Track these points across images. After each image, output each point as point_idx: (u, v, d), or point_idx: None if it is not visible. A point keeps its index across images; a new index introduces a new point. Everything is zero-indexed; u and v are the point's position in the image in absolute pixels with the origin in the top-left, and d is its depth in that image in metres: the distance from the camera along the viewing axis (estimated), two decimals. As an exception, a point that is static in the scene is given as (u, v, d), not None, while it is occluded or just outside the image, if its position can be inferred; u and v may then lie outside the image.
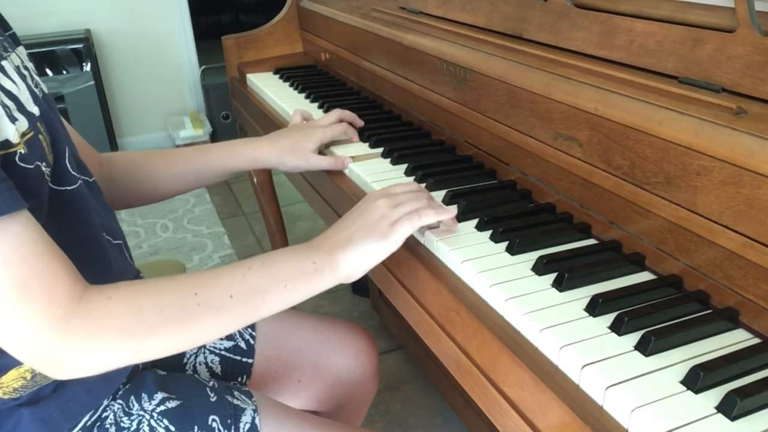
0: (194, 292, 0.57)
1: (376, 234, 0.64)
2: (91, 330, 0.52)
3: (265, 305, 0.60)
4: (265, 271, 0.60)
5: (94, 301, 0.53)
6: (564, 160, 0.72)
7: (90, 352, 0.53)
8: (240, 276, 0.59)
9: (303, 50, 1.57)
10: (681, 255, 0.60)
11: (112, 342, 0.53)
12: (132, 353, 0.55)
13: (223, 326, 0.59)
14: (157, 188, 0.88)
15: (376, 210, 0.66)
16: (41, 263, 0.51)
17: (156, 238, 2.38)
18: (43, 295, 0.50)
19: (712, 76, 0.63)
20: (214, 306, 0.57)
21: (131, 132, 3.24)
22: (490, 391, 0.58)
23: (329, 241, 0.65)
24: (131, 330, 0.54)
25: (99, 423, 0.67)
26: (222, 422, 0.70)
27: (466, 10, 1.02)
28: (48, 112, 0.61)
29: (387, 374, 1.63)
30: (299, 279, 0.61)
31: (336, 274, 0.63)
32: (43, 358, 0.52)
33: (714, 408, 0.46)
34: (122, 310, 0.54)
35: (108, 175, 0.84)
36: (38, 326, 0.50)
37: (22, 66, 0.63)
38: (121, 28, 3.06)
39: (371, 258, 0.64)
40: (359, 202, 0.69)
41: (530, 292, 0.60)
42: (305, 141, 0.90)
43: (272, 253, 0.63)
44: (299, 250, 0.64)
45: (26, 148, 0.55)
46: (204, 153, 0.89)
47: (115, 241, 0.72)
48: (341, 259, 0.63)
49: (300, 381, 0.91)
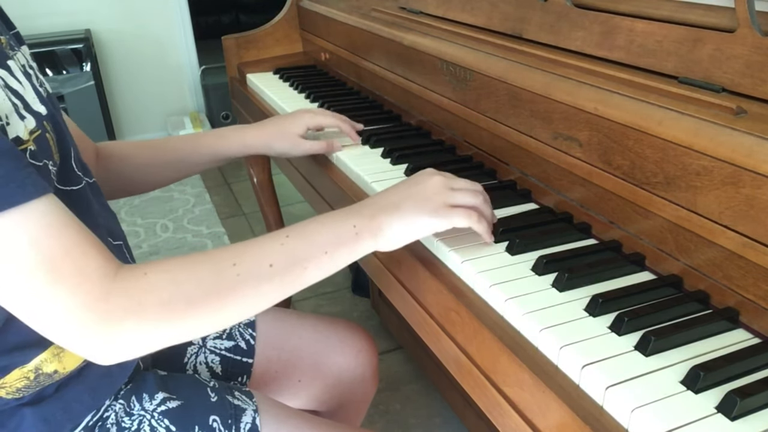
0: (232, 263, 0.55)
1: (429, 208, 0.62)
2: (129, 306, 0.51)
3: (306, 273, 0.58)
4: (303, 238, 0.59)
5: (129, 278, 0.52)
6: (564, 160, 0.72)
7: (131, 330, 0.51)
8: (278, 245, 0.57)
9: (303, 50, 1.57)
10: (681, 255, 0.60)
11: (153, 318, 0.51)
12: (175, 330, 0.53)
13: (264, 297, 0.57)
14: (150, 176, 0.89)
15: (433, 185, 0.64)
16: (71, 243, 0.50)
17: (156, 238, 2.38)
18: (76, 274, 0.49)
19: (712, 76, 0.63)
20: (253, 276, 0.55)
21: (131, 132, 3.24)
22: (490, 391, 0.58)
23: (374, 205, 0.62)
24: (171, 304, 0.52)
25: (100, 423, 0.67)
26: (222, 422, 0.70)
27: (466, 10, 1.02)
28: (53, 111, 0.61)
29: (387, 374, 1.63)
30: (339, 245, 0.59)
31: (377, 240, 0.61)
32: (80, 340, 0.51)
33: (714, 408, 0.46)
34: (160, 284, 0.52)
35: (103, 164, 0.85)
36: (74, 307, 0.49)
37: (27, 65, 0.63)
38: (121, 28, 3.06)
39: (416, 231, 0.62)
40: (412, 175, 0.67)
41: (530, 292, 0.60)
42: (292, 125, 0.92)
43: (310, 220, 0.61)
44: (338, 215, 0.61)
45: (35, 146, 0.55)
46: (193, 141, 0.91)
47: (115, 242, 0.72)
48: (384, 223, 0.61)
49: (300, 381, 0.92)
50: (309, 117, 0.93)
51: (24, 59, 0.63)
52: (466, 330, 0.61)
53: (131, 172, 0.87)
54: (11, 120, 0.52)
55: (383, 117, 1.12)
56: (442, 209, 0.62)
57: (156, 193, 2.71)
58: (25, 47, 0.67)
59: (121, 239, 0.74)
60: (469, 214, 0.63)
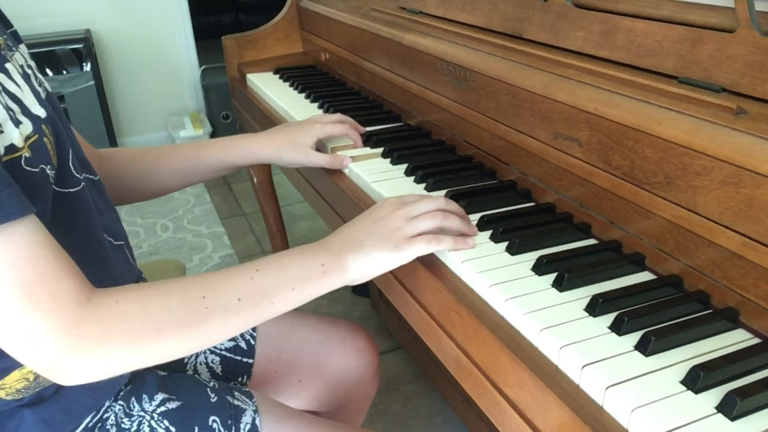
0: (202, 295, 0.56)
1: (390, 244, 0.63)
2: (99, 334, 0.52)
3: (273, 307, 0.60)
4: (272, 273, 0.60)
5: (101, 305, 0.53)
6: (564, 160, 0.72)
7: (99, 356, 0.52)
8: (248, 279, 0.59)
9: (303, 50, 1.57)
10: (681, 255, 0.60)
11: (122, 346, 0.53)
12: (141, 357, 0.55)
13: (231, 328, 0.58)
14: (154, 184, 0.88)
15: (392, 219, 0.65)
16: (48, 268, 0.51)
17: (156, 238, 2.38)
18: (50, 299, 0.50)
19: (712, 76, 0.63)
20: (222, 308, 0.57)
21: (131, 132, 3.24)
22: (490, 391, 0.58)
23: (339, 242, 0.64)
24: (141, 333, 0.53)
25: (100, 424, 0.67)
26: (222, 423, 0.70)
27: (466, 10, 1.02)
28: (53, 114, 0.61)
29: (387, 374, 1.63)
30: (307, 281, 0.61)
31: (343, 276, 0.62)
32: (51, 364, 0.52)
33: (714, 408, 0.46)
34: (131, 313, 0.54)
35: (106, 171, 0.84)
36: (46, 332, 0.50)
37: (26, 65, 0.63)
38: (121, 28, 3.06)
39: (380, 266, 0.64)
40: (373, 206, 0.69)
41: (530, 292, 0.60)
42: (303, 135, 0.90)
43: (280, 255, 0.63)
44: (306, 252, 0.63)
45: (30, 152, 0.54)
46: (201, 148, 0.89)
47: (116, 242, 0.72)
48: (350, 261, 0.62)
49: (300, 381, 0.92)
50: (319, 128, 0.91)
51: (22, 59, 0.63)
52: (466, 330, 0.61)
53: (134, 179, 0.86)
54: (5, 128, 0.52)
55: (383, 117, 1.12)
56: (404, 243, 0.64)
57: (156, 193, 2.71)
58: (23, 46, 0.67)
59: (122, 239, 0.74)
60: (429, 241, 0.65)
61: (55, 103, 0.65)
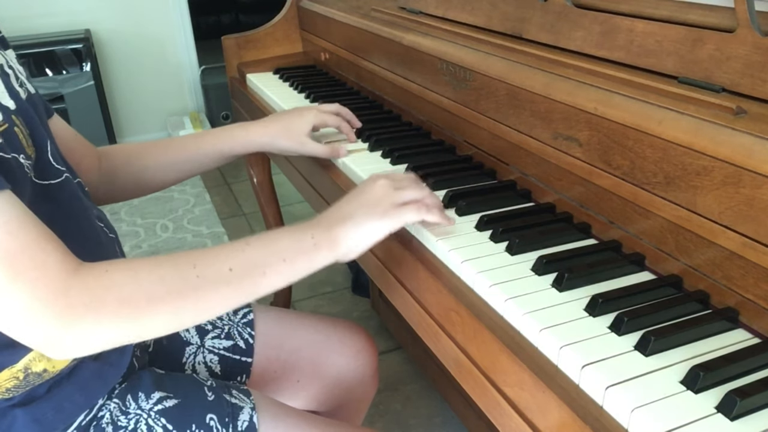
0: (193, 265, 0.56)
1: (379, 212, 0.64)
2: (89, 302, 0.51)
3: (265, 279, 0.59)
4: (263, 245, 0.60)
5: (90, 274, 0.52)
6: (564, 160, 0.72)
7: (90, 326, 0.51)
8: (239, 251, 0.59)
9: (303, 50, 1.57)
10: (681, 255, 0.60)
11: (113, 314, 0.52)
12: (132, 328, 0.54)
13: (223, 300, 0.58)
14: (155, 177, 0.89)
15: (378, 189, 0.66)
16: (29, 238, 0.50)
17: (156, 238, 2.38)
18: (35, 268, 0.50)
19: (712, 76, 0.63)
20: (213, 279, 0.56)
21: (131, 132, 3.24)
22: (490, 391, 0.58)
23: (329, 218, 0.64)
24: (131, 301, 0.52)
25: (95, 422, 0.67)
26: (220, 421, 0.70)
27: (466, 10, 1.02)
28: (25, 107, 0.61)
29: (387, 374, 1.63)
30: (297, 254, 0.61)
31: (334, 250, 0.63)
32: (41, 335, 0.51)
33: (714, 408, 0.46)
34: (121, 281, 0.53)
35: (107, 169, 0.84)
36: (34, 301, 0.49)
37: (6, 65, 0.64)
38: (121, 28, 3.06)
39: (371, 236, 0.64)
40: (360, 183, 0.69)
41: (530, 292, 0.60)
42: (298, 122, 0.91)
43: (270, 231, 0.63)
44: (298, 227, 0.63)
45: (1, 138, 0.54)
46: (198, 139, 0.90)
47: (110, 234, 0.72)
48: (341, 235, 0.63)
49: (299, 381, 0.91)
50: (314, 115, 0.92)
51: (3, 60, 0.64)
52: (466, 330, 0.61)
53: (135, 173, 0.87)
54: None
55: (383, 117, 1.12)
56: (392, 210, 0.65)
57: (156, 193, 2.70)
58: (10, 51, 0.68)
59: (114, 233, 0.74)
60: (418, 208, 0.66)
61: (36, 103, 0.66)
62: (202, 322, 0.65)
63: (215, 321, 0.89)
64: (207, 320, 0.59)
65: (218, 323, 0.89)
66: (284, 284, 0.61)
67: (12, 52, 0.68)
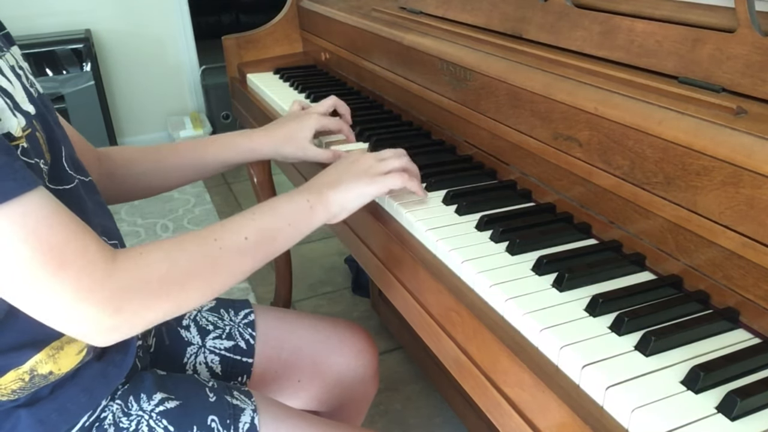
0: (214, 239, 0.61)
1: (366, 178, 0.72)
2: (133, 284, 0.54)
3: (276, 243, 0.66)
4: (269, 212, 0.67)
5: (128, 258, 0.55)
6: (564, 160, 0.72)
7: (137, 306, 0.55)
8: (250, 220, 0.65)
9: (303, 50, 1.57)
10: (681, 255, 0.60)
11: (155, 292, 0.56)
12: (173, 303, 0.58)
13: (244, 265, 0.63)
14: (154, 182, 0.88)
15: (364, 160, 0.74)
16: (69, 231, 0.52)
17: (156, 238, 2.38)
18: (80, 257, 0.51)
19: (712, 76, 0.63)
20: (234, 247, 0.62)
21: (131, 132, 3.24)
22: (490, 391, 0.58)
23: (319, 183, 0.71)
24: (170, 278, 0.57)
25: (98, 423, 0.67)
26: (221, 422, 0.70)
27: (466, 10, 1.02)
28: (43, 111, 0.61)
29: (387, 374, 1.63)
30: (298, 216, 0.68)
31: (327, 210, 0.69)
32: (91, 323, 0.53)
33: (714, 408, 0.46)
34: (157, 261, 0.57)
35: (106, 170, 0.84)
36: (81, 291, 0.51)
37: (17, 65, 0.63)
38: (121, 28, 3.06)
39: (358, 199, 0.71)
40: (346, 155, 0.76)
41: (530, 292, 0.60)
42: (300, 130, 0.91)
43: (269, 200, 0.69)
44: (292, 194, 0.70)
45: (28, 143, 0.55)
46: (200, 147, 0.90)
47: (110, 242, 0.72)
48: (331, 197, 0.69)
49: (300, 381, 0.91)
50: (315, 120, 0.92)
51: (13, 60, 0.63)
52: (466, 330, 0.61)
53: (134, 177, 0.86)
54: (3, 116, 0.53)
55: (383, 117, 1.12)
56: (378, 177, 0.72)
57: (156, 193, 2.71)
58: (15, 48, 0.67)
59: (116, 239, 0.74)
60: (401, 175, 0.74)
61: (47, 104, 0.66)
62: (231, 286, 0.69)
63: (216, 321, 0.89)
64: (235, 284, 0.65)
65: (219, 323, 0.89)
66: (291, 244, 0.68)
67: (17, 49, 0.68)
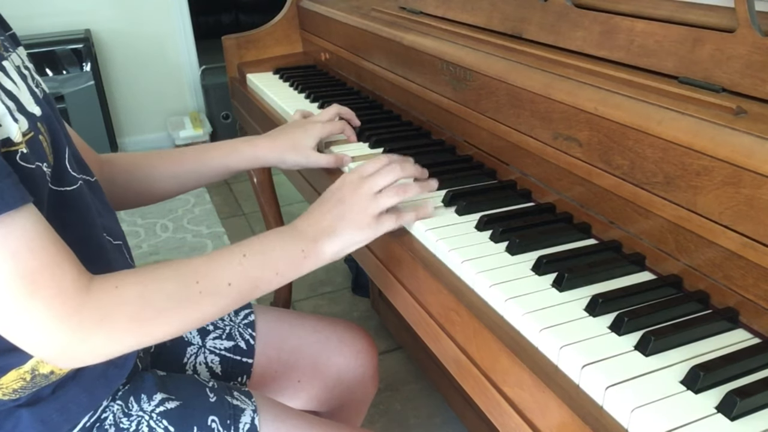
0: (196, 281, 0.60)
1: (361, 225, 0.69)
2: (101, 318, 0.54)
3: (257, 290, 0.65)
4: (259, 259, 0.65)
5: (102, 291, 0.55)
6: (564, 160, 0.72)
7: (100, 340, 0.54)
8: (236, 264, 0.63)
9: (303, 50, 1.57)
10: (681, 255, 0.60)
11: (123, 328, 0.55)
12: (139, 338, 0.58)
13: (221, 309, 0.63)
14: (156, 189, 0.87)
15: (358, 200, 0.69)
16: (48, 256, 0.52)
17: (156, 238, 2.38)
18: (52, 286, 0.51)
19: (712, 76, 0.63)
20: (214, 293, 0.61)
21: (131, 132, 3.24)
22: (490, 391, 0.58)
23: (312, 227, 0.69)
24: (140, 316, 0.56)
25: (98, 424, 0.67)
26: (221, 422, 0.70)
27: (466, 10, 1.02)
28: (49, 112, 0.61)
29: (387, 374, 1.63)
30: (289, 265, 0.66)
31: (321, 259, 0.68)
32: (55, 349, 0.53)
33: (714, 408, 0.46)
34: (130, 298, 0.56)
35: (108, 176, 0.83)
36: (49, 318, 0.51)
37: (23, 66, 0.63)
38: (121, 28, 3.06)
39: (353, 246, 0.69)
40: (334, 185, 0.72)
41: (530, 292, 0.60)
42: (304, 138, 0.90)
43: (264, 239, 0.67)
44: (287, 239, 0.67)
45: (27, 148, 0.55)
46: (203, 153, 0.89)
47: (115, 242, 0.72)
48: (326, 247, 0.67)
49: (300, 381, 0.91)
50: (319, 128, 0.92)
51: (19, 60, 0.63)
52: (466, 330, 0.61)
53: (136, 183, 0.86)
54: (4, 122, 0.53)
55: (383, 117, 1.12)
56: (373, 223, 0.69)
57: (156, 193, 2.71)
58: (21, 48, 0.67)
59: (120, 239, 0.74)
60: (397, 218, 0.71)
61: (52, 103, 0.66)
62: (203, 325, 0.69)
63: (216, 322, 0.89)
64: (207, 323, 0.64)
65: (219, 324, 0.89)
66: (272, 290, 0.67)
67: (23, 50, 0.67)
